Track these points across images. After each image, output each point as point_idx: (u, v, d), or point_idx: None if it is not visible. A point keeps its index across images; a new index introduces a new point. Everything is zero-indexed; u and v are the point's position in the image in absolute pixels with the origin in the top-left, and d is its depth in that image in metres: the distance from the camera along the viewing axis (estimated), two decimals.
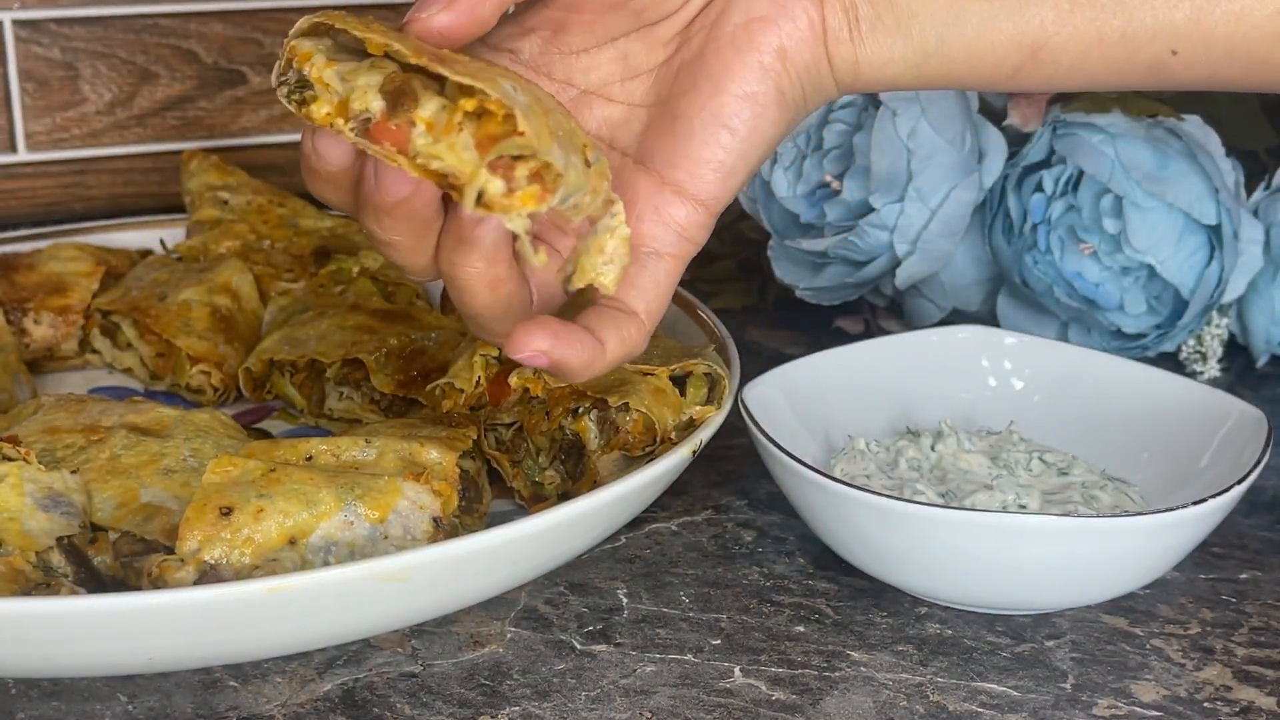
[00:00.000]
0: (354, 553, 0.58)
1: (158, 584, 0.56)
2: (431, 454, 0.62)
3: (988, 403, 0.73)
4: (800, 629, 0.61)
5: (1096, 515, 0.61)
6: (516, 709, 0.55)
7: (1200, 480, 0.64)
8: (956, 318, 0.87)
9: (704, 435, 0.64)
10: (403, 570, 0.54)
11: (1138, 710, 0.56)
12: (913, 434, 0.68)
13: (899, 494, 0.62)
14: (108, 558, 0.60)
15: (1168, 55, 0.56)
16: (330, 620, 0.55)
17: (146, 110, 1.10)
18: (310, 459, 0.62)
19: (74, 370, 0.84)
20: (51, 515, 0.58)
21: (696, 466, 0.71)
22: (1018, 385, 0.73)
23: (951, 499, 0.63)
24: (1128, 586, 0.61)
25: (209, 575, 0.56)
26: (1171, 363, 0.85)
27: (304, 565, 0.57)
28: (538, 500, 0.67)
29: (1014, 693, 0.57)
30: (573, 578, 0.64)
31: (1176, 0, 0.55)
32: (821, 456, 0.68)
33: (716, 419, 0.66)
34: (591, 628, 0.61)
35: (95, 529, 0.60)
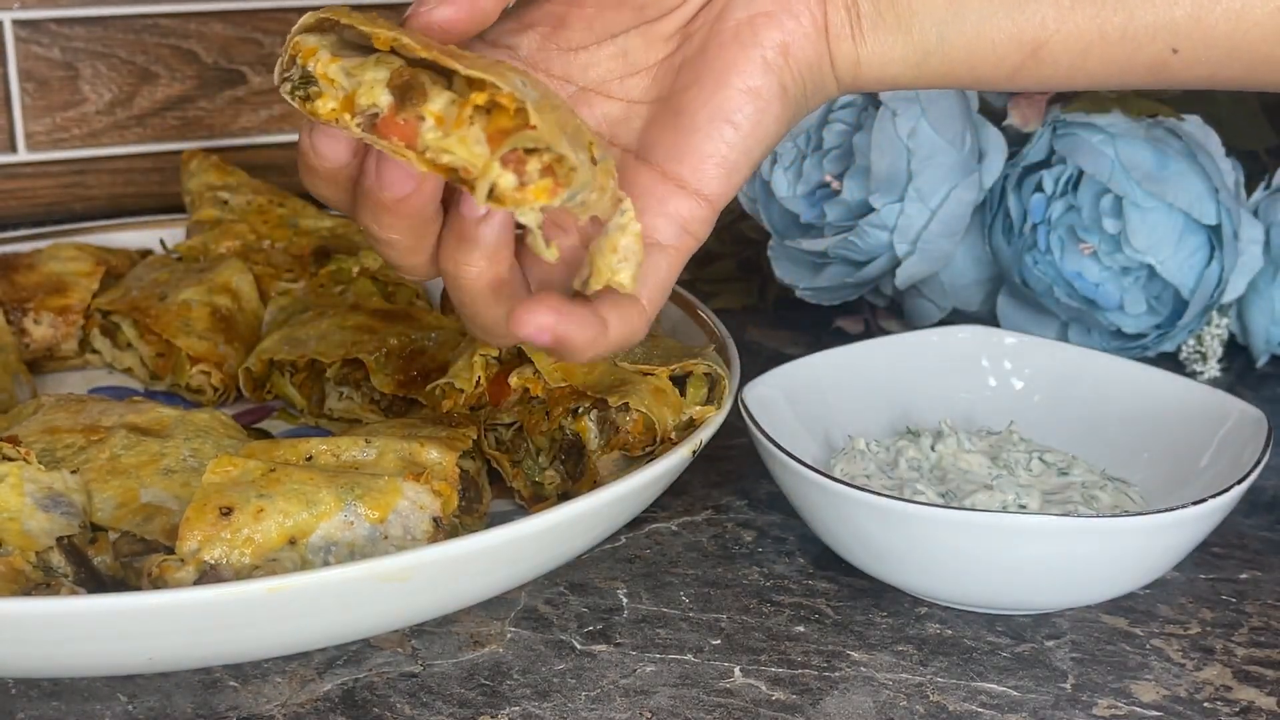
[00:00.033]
0: (354, 553, 0.58)
1: (158, 584, 0.56)
2: (431, 454, 0.62)
3: (988, 403, 0.73)
4: (800, 629, 0.61)
5: (1096, 515, 0.60)
6: (516, 709, 0.55)
7: (1200, 480, 0.64)
8: (956, 318, 0.87)
9: (704, 435, 0.64)
10: (403, 570, 0.54)
11: (1138, 710, 0.56)
12: (913, 434, 0.68)
13: (899, 494, 0.62)
14: (108, 558, 0.60)
15: (1168, 53, 0.56)
16: (330, 620, 0.55)
17: (146, 110, 1.10)
18: (310, 459, 0.62)
19: (74, 370, 0.84)
20: (51, 515, 0.58)
21: (696, 466, 0.71)
22: (1018, 385, 0.73)
23: (951, 499, 0.63)
24: (1128, 586, 0.61)
25: (209, 575, 0.56)
26: (1171, 363, 0.85)
27: (304, 565, 0.57)
28: (538, 500, 0.67)
29: (1014, 693, 0.57)
30: (573, 578, 0.64)
31: None
32: (821, 456, 0.68)
33: (716, 419, 0.66)
34: (591, 628, 0.61)
35: (95, 529, 0.60)
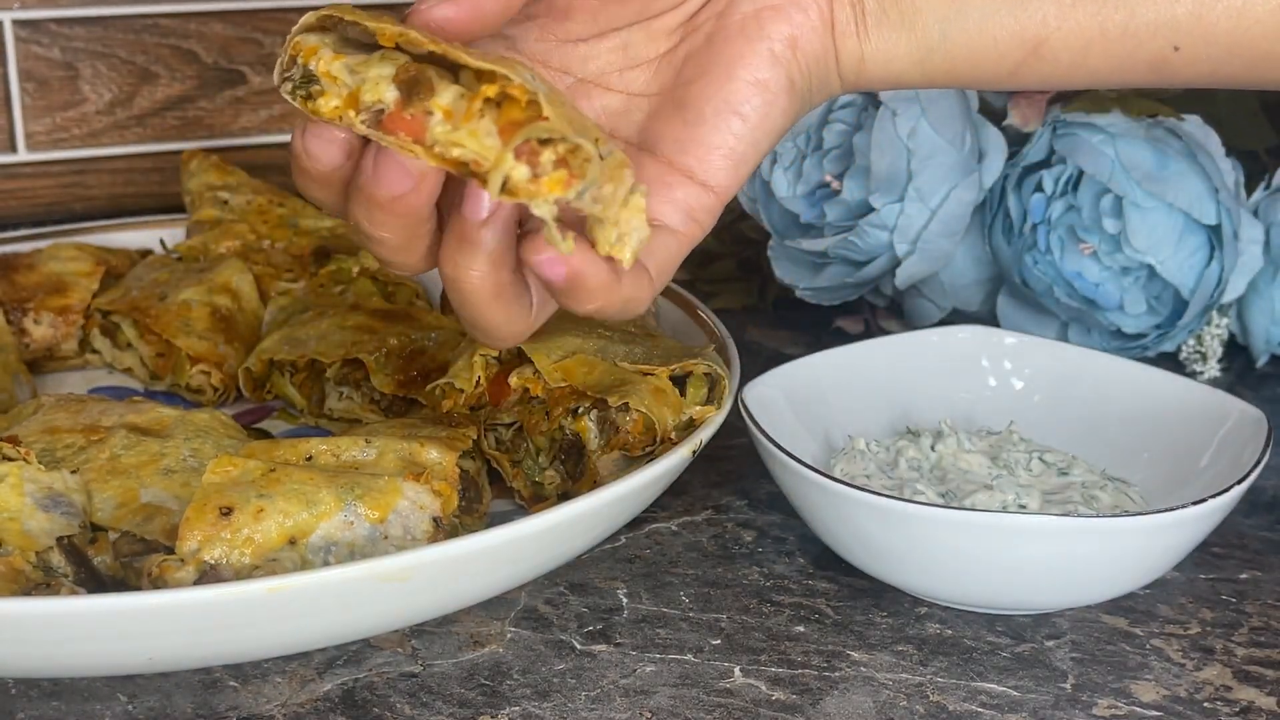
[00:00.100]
0: (354, 553, 0.58)
1: (158, 584, 0.56)
2: (431, 454, 0.62)
3: (988, 403, 0.73)
4: (800, 629, 0.61)
5: (1096, 515, 0.60)
6: (516, 709, 0.55)
7: (1200, 480, 0.64)
8: (956, 318, 0.87)
9: (704, 435, 0.64)
10: (403, 570, 0.54)
11: (1138, 710, 0.56)
12: (913, 434, 0.68)
13: (899, 494, 0.62)
14: (108, 558, 0.60)
15: (1169, 51, 0.56)
16: (330, 620, 0.55)
17: (146, 110, 1.10)
18: (310, 459, 0.62)
19: (74, 370, 0.83)
20: (51, 515, 0.58)
21: (696, 466, 0.71)
22: (1018, 385, 0.73)
23: (951, 499, 0.63)
24: (1128, 586, 0.61)
25: (209, 575, 0.56)
26: (1171, 363, 0.85)
27: (304, 565, 0.57)
28: (538, 500, 0.67)
29: (1014, 693, 0.57)
30: (573, 578, 0.64)
31: None
32: (821, 456, 0.68)
33: (716, 419, 0.66)
34: (591, 628, 0.61)
35: (95, 529, 0.60)
